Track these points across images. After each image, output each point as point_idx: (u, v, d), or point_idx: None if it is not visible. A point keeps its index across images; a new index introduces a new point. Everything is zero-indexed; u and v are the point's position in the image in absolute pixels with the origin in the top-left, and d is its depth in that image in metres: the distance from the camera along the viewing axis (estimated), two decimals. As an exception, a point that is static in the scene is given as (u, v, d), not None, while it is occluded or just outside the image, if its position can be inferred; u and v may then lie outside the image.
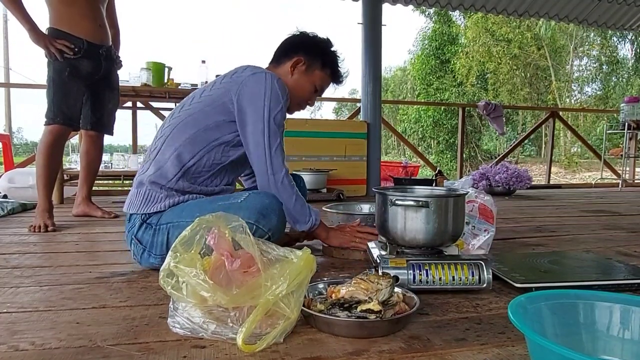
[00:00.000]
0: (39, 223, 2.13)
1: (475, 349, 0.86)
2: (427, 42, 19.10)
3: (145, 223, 1.36)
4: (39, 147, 2.24)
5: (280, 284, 0.85)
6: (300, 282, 0.87)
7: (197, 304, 0.87)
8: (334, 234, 1.55)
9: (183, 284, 0.88)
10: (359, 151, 4.10)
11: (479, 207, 1.59)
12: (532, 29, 17.41)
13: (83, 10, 2.26)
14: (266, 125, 1.37)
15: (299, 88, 1.53)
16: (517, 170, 4.22)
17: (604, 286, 1.20)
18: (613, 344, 0.74)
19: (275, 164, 1.38)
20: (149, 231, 1.35)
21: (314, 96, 1.58)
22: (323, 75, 1.55)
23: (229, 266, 0.90)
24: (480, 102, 5.79)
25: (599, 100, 18.29)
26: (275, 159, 1.38)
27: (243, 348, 0.81)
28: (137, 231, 1.37)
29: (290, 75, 1.52)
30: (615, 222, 2.56)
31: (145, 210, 1.36)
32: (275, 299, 0.84)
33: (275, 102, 1.38)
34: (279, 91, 1.39)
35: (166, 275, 0.89)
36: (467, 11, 5.17)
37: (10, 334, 0.91)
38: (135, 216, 1.38)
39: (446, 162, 17.28)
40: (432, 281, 1.15)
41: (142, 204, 1.37)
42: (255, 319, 0.83)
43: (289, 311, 0.86)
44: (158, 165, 1.38)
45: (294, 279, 0.86)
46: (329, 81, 1.58)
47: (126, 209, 1.41)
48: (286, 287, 0.85)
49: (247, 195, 1.32)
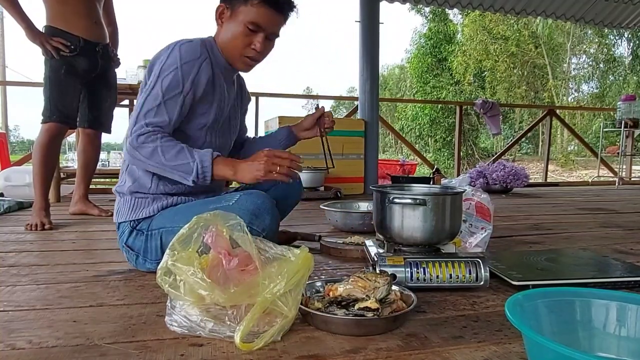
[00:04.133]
0: (35, 221, 2.12)
1: (472, 346, 0.86)
2: (424, 40, 19.10)
3: (135, 230, 1.35)
4: (36, 146, 2.23)
5: (278, 282, 0.85)
6: (298, 280, 0.87)
7: (195, 302, 0.87)
8: (243, 168, 1.23)
9: (180, 282, 0.88)
10: (357, 149, 4.10)
11: (476, 205, 1.60)
12: (529, 27, 17.43)
13: (79, 7, 2.25)
14: (149, 89, 1.26)
15: (231, 37, 1.32)
16: (514, 168, 4.23)
17: (601, 284, 1.21)
18: (609, 341, 0.74)
19: (137, 125, 1.23)
20: (141, 237, 1.33)
21: (255, 38, 1.31)
22: (250, 8, 1.29)
23: (227, 265, 0.90)
24: (477, 100, 5.80)
25: (596, 98, 18.34)
26: (141, 120, 1.23)
27: (241, 346, 0.81)
28: (127, 238, 1.35)
29: (222, 30, 1.35)
30: (612, 220, 2.57)
31: (134, 217, 1.34)
32: (273, 298, 0.84)
33: (168, 65, 1.26)
34: (177, 55, 1.26)
35: (163, 273, 0.89)
36: (465, 9, 5.17)
37: (7, 332, 0.90)
38: (124, 224, 1.36)
39: (443, 160, 17.30)
40: (430, 279, 1.15)
41: (130, 211, 1.35)
42: (253, 317, 0.83)
43: (287, 309, 0.86)
44: (133, 177, 1.36)
45: (292, 277, 0.86)
46: (263, 11, 1.29)
47: (115, 219, 1.39)
48: (284, 286, 0.85)
49: (239, 196, 1.28)
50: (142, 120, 1.23)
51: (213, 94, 1.37)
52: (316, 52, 62.92)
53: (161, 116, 1.25)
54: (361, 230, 2.00)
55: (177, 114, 1.27)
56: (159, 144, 1.21)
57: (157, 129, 1.23)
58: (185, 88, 1.27)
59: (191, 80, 1.28)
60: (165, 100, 1.25)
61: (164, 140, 1.22)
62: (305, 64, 60.45)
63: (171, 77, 1.25)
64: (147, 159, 1.21)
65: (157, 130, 1.23)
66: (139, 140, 1.21)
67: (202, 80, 1.30)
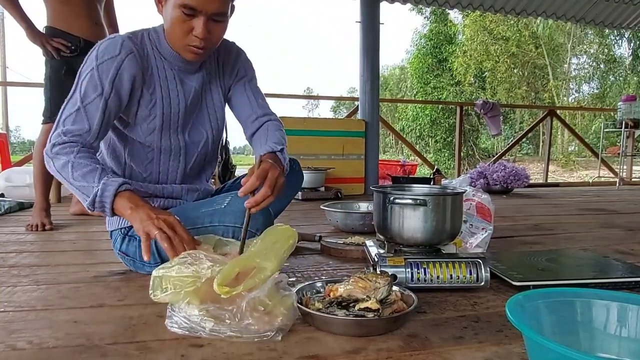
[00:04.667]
0: (36, 222, 2.12)
1: (473, 347, 0.86)
2: (424, 41, 19.11)
3: (127, 236, 1.32)
4: (36, 146, 2.24)
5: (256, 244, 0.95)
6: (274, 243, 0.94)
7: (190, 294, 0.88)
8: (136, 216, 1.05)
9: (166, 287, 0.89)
10: (357, 150, 4.10)
11: (476, 206, 1.60)
12: (529, 28, 17.43)
13: (79, 8, 2.25)
14: (70, 94, 1.16)
15: (170, 25, 1.16)
16: (515, 169, 4.23)
17: (601, 284, 1.21)
18: (610, 341, 0.74)
19: (55, 133, 1.13)
20: (134, 243, 1.31)
21: (195, 23, 1.12)
22: None
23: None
24: (478, 100, 5.80)
25: (596, 98, 18.34)
26: (60, 126, 1.13)
27: (218, 289, 0.84)
28: (120, 245, 1.34)
29: (163, 16, 1.19)
30: (613, 221, 2.57)
31: (124, 224, 1.31)
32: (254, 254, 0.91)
33: (85, 68, 1.16)
34: (94, 55, 1.15)
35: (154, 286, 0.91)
36: (465, 9, 5.17)
37: (8, 333, 0.90)
38: (116, 232, 1.35)
39: (444, 161, 17.30)
40: (430, 279, 1.15)
41: (119, 219, 1.30)
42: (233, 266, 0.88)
43: (269, 264, 0.90)
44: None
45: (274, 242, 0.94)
46: None
47: (107, 226, 1.38)
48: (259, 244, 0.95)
49: (230, 199, 1.25)
50: (61, 127, 1.13)
51: (152, 92, 1.23)
52: (316, 52, 62.98)
53: (80, 123, 1.13)
54: (362, 230, 2.00)
55: (98, 119, 1.14)
56: (71, 158, 1.10)
57: (75, 140, 1.12)
58: (105, 90, 1.14)
59: (110, 80, 1.15)
60: (85, 105, 1.14)
61: (79, 155, 1.10)
62: (305, 64, 60.48)
63: (87, 79, 1.14)
64: (58, 171, 1.11)
65: (75, 141, 1.12)
66: (54, 151, 1.11)
67: (125, 78, 1.17)
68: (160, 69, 1.24)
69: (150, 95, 1.23)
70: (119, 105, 1.19)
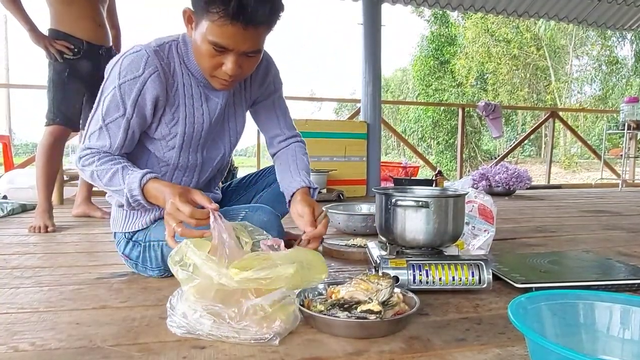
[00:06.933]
0: (38, 224, 2.13)
1: (475, 349, 0.86)
2: (426, 43, 19.11)
3: (131, 241, 1.33)
4: (39, 148, 2.24)
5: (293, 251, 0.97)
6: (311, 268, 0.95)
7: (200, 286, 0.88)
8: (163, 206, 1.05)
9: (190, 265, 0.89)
10: (359, 151, 4.10)
11: (478, 208, 1.59)
12: (531, 29, 17.42)
13: (82, 10, 2.26)
14: (94, 109, 1.16)
15: (199, 54, 1.09)
16: (517, 171, 4.22)
17: (604, 286, 1.21)
18: (613, 344, 0.74)
19: (81, 147, 1.17)
20: (137, 248, 1.31)
21: (226, 59, 1.06)
22: (211, 25, 1.00)
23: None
24: (479, 102, 5.79)
25: (599, 100, 18.29)
26: (85, 141, 1.16)
27: (233, 274, 0.85)
28: (124, 249, 1.34)
29: (193, 37, 1.10)
30: (615, 222, 2.56)
31: (129, 229, 1.32)
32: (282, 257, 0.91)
33: (108, 85, 1.14)
34: (117, 71, 1.12)
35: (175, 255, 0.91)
36: (467, 11, 5.17)
37: (10, 334, 0.91)
38: (120, 234, 1.35)
39: (446, 163, 17.28)
40: (432, 281, 1.15)
41: (124, 223, 1.32)
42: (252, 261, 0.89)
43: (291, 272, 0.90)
44: None
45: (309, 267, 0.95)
46: (227, 30, 0.99)
47: (111, 227, 1.38)
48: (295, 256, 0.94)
49: (244, 214, 1.23)
50: (87, 142, 1.16)
51: (174, 110, 1.19)
52: (318, 54, 63.03)
53: (103, 140, 1.15)
54: (363, 232, 2.00)
55: (121, 138, 1.15)
56: (94, 168, 1.13)
57: (96, 151, 1.15)
58: (127, 111, 1.13)
59: (132, 101, 1.12)
60: (107, 124, 1.14)
61: (99, 162, 1.12)
62: (307, 66, 60.53)
63: (110, 99, 1.12)
64: (92, 182, 1.15)
65: (95, 152, 1.14)
66: (80, 163, 1.15)
67: (148, 99, 1.13)
68: (187, 86, 1.20)
69: (172, 115, 1.20)
70: (142, 123, 1.18)
